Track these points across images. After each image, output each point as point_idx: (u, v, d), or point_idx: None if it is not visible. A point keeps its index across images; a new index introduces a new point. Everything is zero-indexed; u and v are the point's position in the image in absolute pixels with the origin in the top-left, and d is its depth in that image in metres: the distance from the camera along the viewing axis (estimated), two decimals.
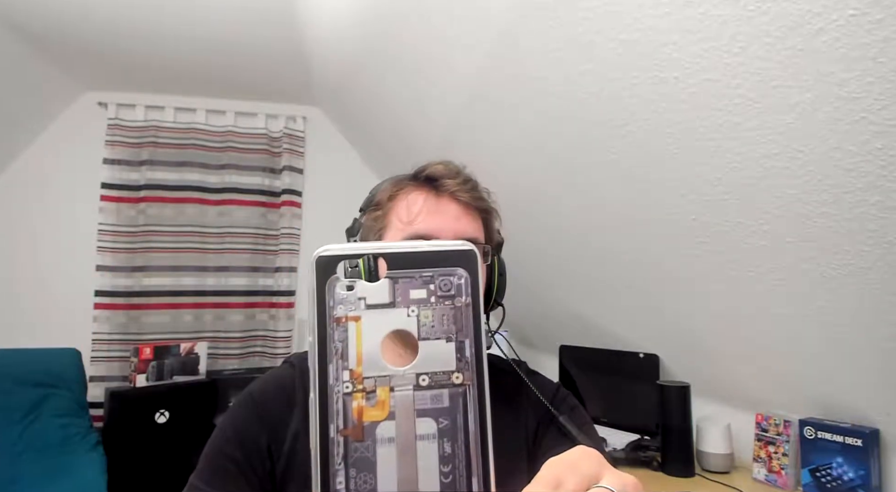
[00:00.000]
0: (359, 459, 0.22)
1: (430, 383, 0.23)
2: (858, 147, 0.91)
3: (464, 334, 0.23)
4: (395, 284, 0.23)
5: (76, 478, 2.05)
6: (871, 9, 0.77)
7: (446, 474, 0.22)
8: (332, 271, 0.23)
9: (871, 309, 1.11)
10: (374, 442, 0.22)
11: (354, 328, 0.23)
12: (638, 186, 1.42)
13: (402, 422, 0.22)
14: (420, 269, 0.23)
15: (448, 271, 0.24)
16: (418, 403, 0.22)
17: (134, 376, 2.55)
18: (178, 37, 2.27)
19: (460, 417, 0.23)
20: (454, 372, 0.23)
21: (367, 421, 0.22)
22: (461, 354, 0.23)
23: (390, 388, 0.22)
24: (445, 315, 0.23)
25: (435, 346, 0.23)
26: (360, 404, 0.22)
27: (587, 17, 1.16)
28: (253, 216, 3.01)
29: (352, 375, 0.22)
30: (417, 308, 0.23)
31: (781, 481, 1.44)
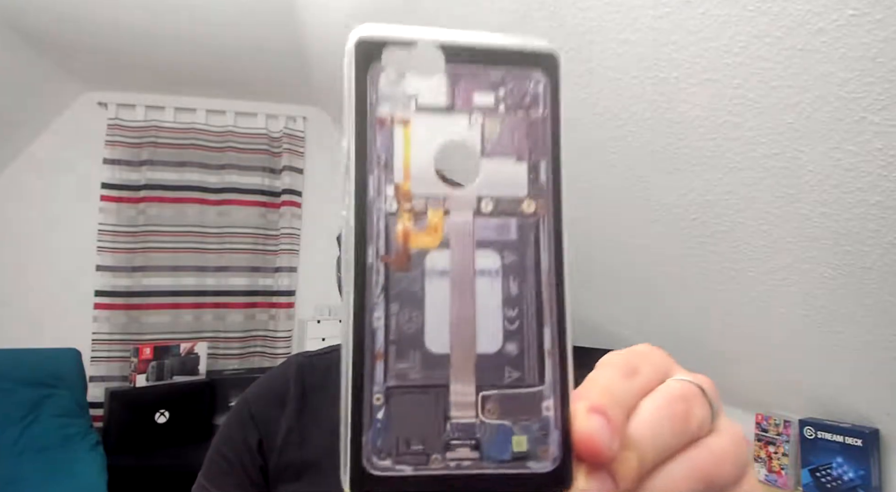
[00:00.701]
0: (403, 292, 0.17)
1: (495, 210, 0.18)
2: (858, 147, 0.91)
3: (539, 154, 0.19)
4: (456, 83, 0.18)
5: (76, 478, 2.05)
6: (871, 9, 0.77)
7: (511, 319, 0.18)
8: (377, 58, 0.18)
9: (871, 309, 1.11)
10: (423, 274, 0.18)
11: (402, 134, 0.18)
12: (638, 185, 1.42)
13: (459, 252, 0.18)
14: (489, 66, 0.19)
15: (524, 73, 0.19)
16: (479, 231, 0.18)
17: (134, 376, 2.55)
18: (178, 37, 2.27)
19: (531, 252, 0.18)
20: (525, 198, 0.18)
21: (414, 248, 0.18)
22: (535, 178, 0.19)
23: (445, 211, 0.18)
24: (517, 128, 0.19)
25: (502, 164, 0.18)
26: (407, 226, 0.18)
27: (587, 17, 1.16)
28: (253, 216, 3.01)
29: (397, 190, 0.18)
30: (482, 116, 0.19)
31: (781, 481, 1.44)
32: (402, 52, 0.18)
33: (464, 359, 0.18)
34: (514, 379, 0.18)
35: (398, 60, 0.18)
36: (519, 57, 0.19)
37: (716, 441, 0.20)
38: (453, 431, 0.17)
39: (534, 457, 0.17)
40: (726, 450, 0.20)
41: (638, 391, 0.20)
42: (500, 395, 0.18)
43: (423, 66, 0.18)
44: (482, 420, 0.17)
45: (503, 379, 0.18)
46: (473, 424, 0.17)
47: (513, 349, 0.18)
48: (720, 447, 0.20)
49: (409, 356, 0.17)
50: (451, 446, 0.17)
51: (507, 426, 0.17)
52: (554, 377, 0.18)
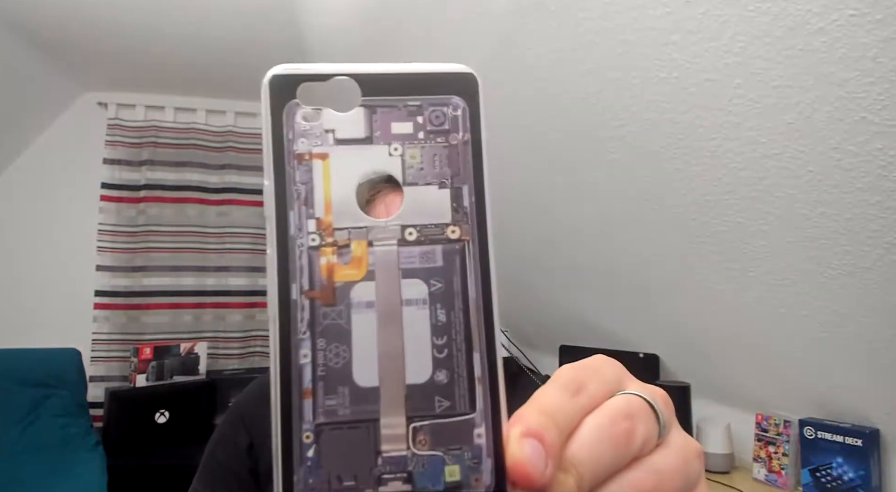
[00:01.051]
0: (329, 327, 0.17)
1: (420, 238, 0.18)
2: (858, 147, 0.91)
3: (461, 179, 0.19)
4: (373, 114, 0.18)
5: (76, 478, 2.05)
6: (871, 9, 0.77)
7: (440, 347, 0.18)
8: (291, 95, 0.18)
9: (871, 309, 1.11)
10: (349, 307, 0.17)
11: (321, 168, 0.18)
12: (638, 185, 1.42)
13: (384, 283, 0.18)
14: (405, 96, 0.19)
15: (441, 100, 0.19)
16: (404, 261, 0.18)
17: (134, 376, 2.55)
18: (178, 37, 2.27)
19: (458, 279, 0.18)
20: (449, 225, 0.18)
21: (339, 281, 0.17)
22: (458, 204, 0.18)
23: (368, 242, 0.18)
24: (438, 155, 0.19)
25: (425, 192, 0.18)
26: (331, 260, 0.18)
27: (587, 18, 1.16)
28: (253, 216, 3.01)
29: (319, 225, 0.18)
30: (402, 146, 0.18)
31: (781, 481, 1.44)
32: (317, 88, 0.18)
33: (393, 391, 0.17)
34: (444, 408, 0.18)
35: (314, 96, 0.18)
36: (435, 83, 0.19)
37: (661, 459, 0.20)
38: (385, 465, 0.17)
39: (467, 486, 0.17)
40: (672, 467, 0.20)
41: (581, 410, 0.19)
42: (431, 425, 0.17)
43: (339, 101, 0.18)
44: (414, 452, 0.17)
45: (434, 409, 0.18)
46: (405, 456, 0.17)
47: (443, 378, 0.18)
48: (665, 465, 0.20)
49: (338, 392, 0.17)
50: (384, 480, 0.17)
51: (439, 457, 0.17)
52: (485, 404, 0.18)
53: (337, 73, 0.19)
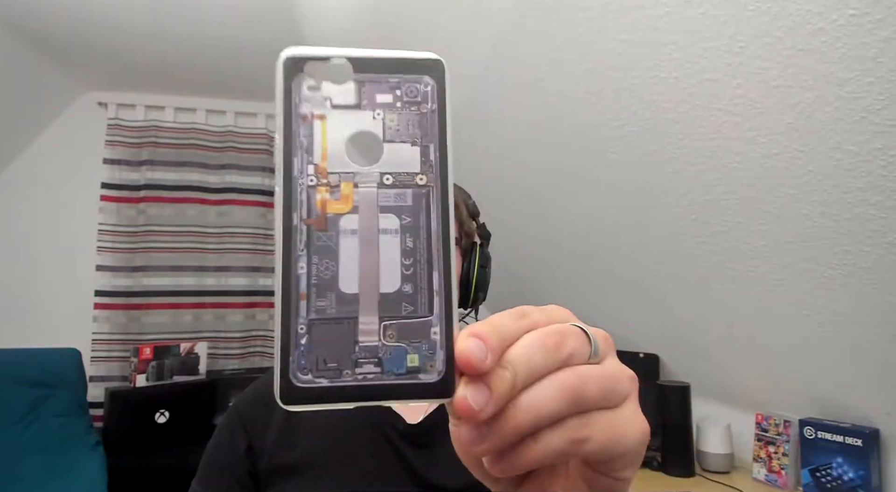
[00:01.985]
0: (321, 247, 0.22)
1: (394, 183, 0.23)
2: (859, 147, 0.91)
3: (428, 139, 0.24)
4: (362, 87, 0.23)
5: (76, 478, 2.05)
6: (871, 8, 0.77)
7: (407, 266, 0.23)
8: (299, 70, 0.23)
9: (871, 309, 1.11)
10: (337, 233, 0.22)
11: (320, 126, 0.23)
12: (638, 185, 1.42)
13: (365, 216, 0.23)
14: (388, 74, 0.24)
15: (415, 78, 0.24)
16: (381, 199, 0.23)
17: (134, 376, 2.55)
18: (178, 37, 2.27)
19: (423, 215, 0.23)
20: (418, 174, 0.23)
21: (330, 213, 0.23)
22: (425, 158, 0.23)
23: (354, 184, 0.23)
24: (411, 120, 0.24)
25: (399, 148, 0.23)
26: (324, 196, 0.23)
27: (587, 18, 1.16)
28: (253, 216, 3.01)
29: (316, 169, 0.23)
30: (383, 111, 0.24)
31: (781, 481, 1.44)
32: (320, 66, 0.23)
33: (369, 297, 0.22)
34: (409, 312, 0.23)
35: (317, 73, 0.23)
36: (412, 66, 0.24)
37: (586, 368, 0.24)
38: (361, 352, 0.22)
39: (424, 371, 0.22)
40: (594, 375, 0.24)
41: (522, 328, 0.24)
42: (397, 324, 0.22)
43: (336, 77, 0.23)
44: (383, 343, 0.22)
45: (400, 312, 0.22)
46: (377, 346, 0.22)
47: (408, 289, 0.23)
48: (589, 372, 0.24)
49: (327, 296, 0.22)
50: (359, 363, 0.22)
51: (403, 347, 0.22)
52: (440, 310, 0.23)
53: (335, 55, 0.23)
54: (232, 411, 0.72)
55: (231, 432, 0.69)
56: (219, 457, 0.68)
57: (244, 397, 0.73)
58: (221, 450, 0.69)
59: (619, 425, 0.24)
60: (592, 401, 0.23)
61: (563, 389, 0.23)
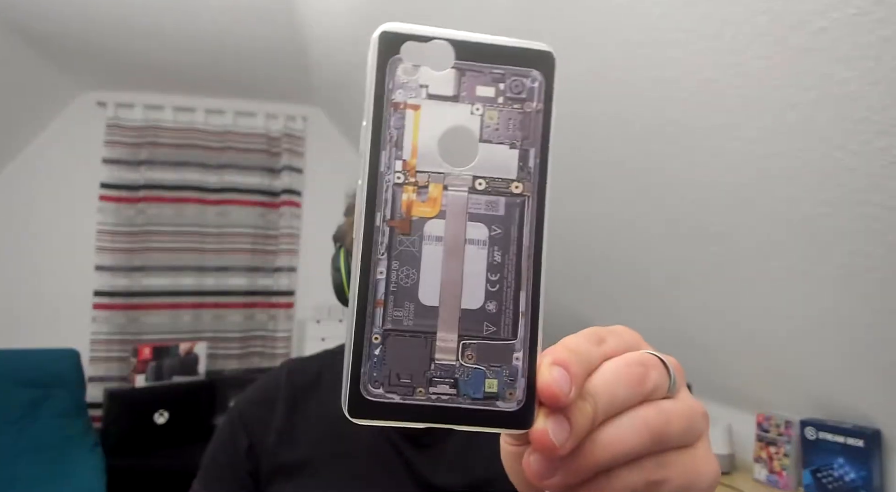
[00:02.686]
0: (403, 252, 0.21)
1: (487, 188, 0.21)
2: (860, 147, 0.91)
3: (530, 142, 0.22)
4: (462, 76, 0.21)
5: (75, 478, 2.04)
6: (873, 8, 0.76)
7: (493, 282, 0.21)
8: (395, 51, 0.21)
9: (873, 309, 1.10)
10: (421, 238, 0.21)
11: (412, 117, 0.21)
12: (638, 185, 1.42)
13: (453, 222, 0.21)
14: (492, 64, 0.21)
15: (522, 71, 0.22)
16: (472, 206, 0.21)
17: (133, 376, 2.55)
18: (178, 36, 2.26)
19: (515, 228, 0.21)
20: (514, 181, 0.21)
21: (415, 216, 0.21)
22: (524, 163, 0.21)
23: (444, 186, 0.21)
24: (512, 119, 0.22)
25: (497, 150, 0.21)
26: (411, 197, 0.21)
27: (588, 17, 1.16)
28: (252, 216, 3.01)
29: (404, 165, 0.21)
30: (483, 106, 0.21)
31: (782, 481, 1.43)
32: (418, 47, 0.21)
33: (450, 312, 0.21)
34: (490, 332, 0.21)
35: (414, 54, 0.21)
36: (520, 56, 0.22)
37: (669, 403, 0.23)
38: (436, 370, 0.20)
39: (502, 398, 0.21)
40: (678, 413, 0.22)
41: (601, 355, 0.22)
42: (477, 344, 0.21)
43: (435, 61, 0.21)
44: (461, 363, 0.21)
45: (482, 331, 0.21)
46: (454, 365, 0.21)
47: (492, 308, 0.21)
48: (672, 408, 0.22)
49: (405, 306, 0.21)
50: (434, 382, 0.20)
51: (482, 370, 0.21)
52: (525, 334, 0.21)
53: (437, 36, 0.21)
54: (232, 411, 0.72)
55: (231, 433, 0.69)
56: (219, 457, 0.68)
57: (245, 397, 0.73)
58: (222, 450, 0.69)
59: (695, 466, 0.23)
60: (673, 440, 0.22)
61: (647, 427, 0.21)
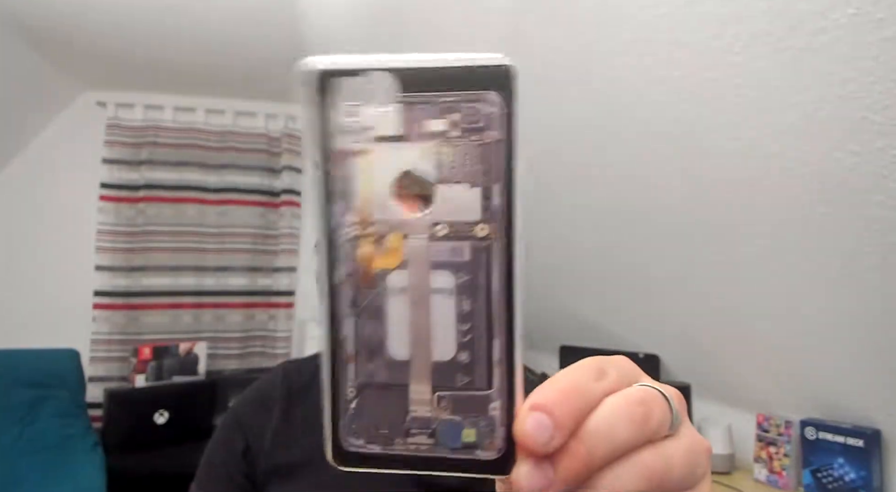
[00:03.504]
0: (368, 306, 0.20)
1: (449, 234, 0.20)
2: (860, 147, 0.91)
3: (492, 178, 0.19)
4: (410, 112, 0.19)
5: (75, 479, 2.04)
6: (872, 8, 0.77)
7: (464, 332, 0.20)
8: (333, 91, 0.19)
9: (873, 309, 1.10)
10: (385, 290, 0.20)
11: (360, 165, 0.19)
12: (638, 185, 1.42)
13: (416, 272, 0.20)
14: (441, 92, 0.19)
15: (476, 95, 0.19)
16: (433, 254, 0.20)
17: (133, 376, 2.55)
18: (178, 36, 2.26)
19: (483, 273, 0.20)
20: (478, 223, 0.20)
21: (376, 268, 0.20)
22: (488, 202, 0.19)
23: (403, 235, 0.20)
24: (469, 153, 0.19)
25: (456, 190, 0.19)
26: (369, 249, 0.20)
27: (587, 18, 1.16)
28: (252, 216, 3.01)
29: (359, 217, 0.20)
30: (435, 143, 0.19)
31: (782, 481, 1.43)
32: (356, 82, 0.19)
33: (421, 365, 0.20)
34: (465, 383, 0.20)
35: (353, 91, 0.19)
36: (472, 77, 0.19)
37: (672, 446, 0.21)
38: (412, 422, 0.20)
39: (481, 447, 0.20)
40: (681, 456, 0.21)
41: (601, 391, 0.21)
42: (452, 396, 0.20)
43: (377, 95, 0.19)
44: (436, 415, 0.20)
45: (455, 383, 0.20)
46: (429, 417, 0.20)
47: (465, 358, 0.20)
48: (675, 452, 0.21)
49: (375, 360, 0.20)
50: (412, 433, 0.20)
51: (458, 421, 0.20)
52: (501, 383, 0.20)
53: (375, 67, 0.19)
54: (230, 414, 0.72)
55: (228, 435, 0.69)
56: (215, 459, 0.68)
57: (242, 399, 0.73)
58: (218, 452, 0.69)
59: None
60: (674, 486, 0.21)
61: (649, 475, 0.20)
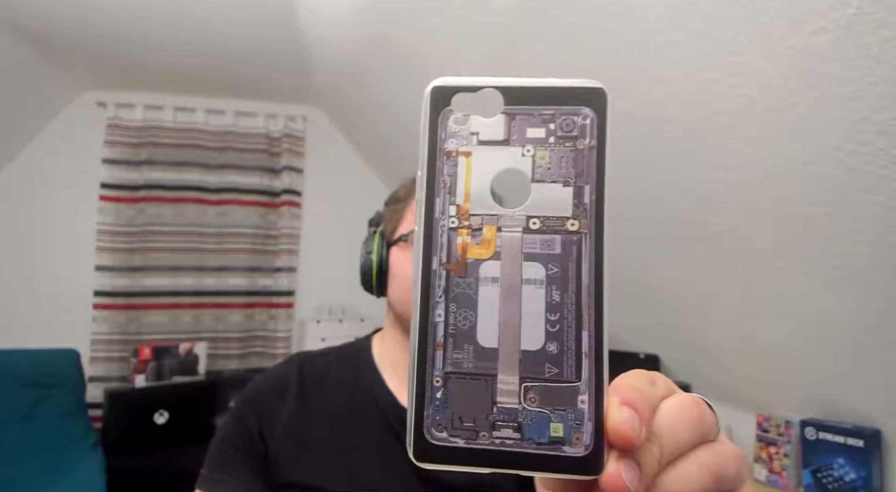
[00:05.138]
0: (460, 294, 0.21)
1: (542, 228, 0.21)
2: (860, 147, 0.91)
3: (584, 180, 0.21)
4: (512, 121, 0.22)
5: (75, 479, 2.04)
6: (872, 8, 0.76)
7: (553, 322, 0.21)
8: (446, 103, 0.22)
9: (872, 309, 1.10)
10: (477, 280, 0.21)
11: (464, 163, 0.22)
12: (638, 186, 1.42)
13: (508, 263, 0.21)
14: (541, 105, 0.22)
15: (572, 110, 0.22)
16: (526, 246, 0.21)
17: (133, 376, 2.55)
18: (178, 37, 2.26)
19: (573, 265, 0.21)
20: (570, 218, 0.21)
21: (470, 258, 0.21)
22: (579, 200, 0.21)
23: (498, 227, 0.21)
24: (565, 157, 0.22)
25: (550, 189, 0.22)
26: (465, 240, 0.21)
27: (587, 17, 1.16)
28: (252, 216, 3.01)
29: (458, 210, 0.22)
30: (534, 147, 0.22)
31: (783, 481, 1.43)
32: (468, 98, 0.22)
33: (509, 354, 0.21)
34: (553, 374, 0.21)
35: (465, 104, 0.22)
36: (569, 96, 0.22)
37: (720, 446, 0.23)
38: (499, 414, 0.20)
39: (569, 442, 0.20)
40: (730, 454, 0.23)
41: (657, 395, 0.22)
42: (540, 387, 0.21)
43: (485, 108, 0.22)
44: (524, 407, 0.20)
45: (544, 373, 0.21)
46: (516, 409, 0.20)
47: (553, 349, 0.21)
48: (725, 451, 0.23)
49: (464, 348, 0.21)
50: (497, 426, 0.20)
51: (546, 414, 0.20)
52: (589, 375, 0.21)
53: (485, 85, 0.22)
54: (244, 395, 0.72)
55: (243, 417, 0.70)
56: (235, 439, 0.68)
57: (255, 386, 0.73)
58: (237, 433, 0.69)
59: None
60: (728, 483, 0.22)
61: (709, 470, 0.21)
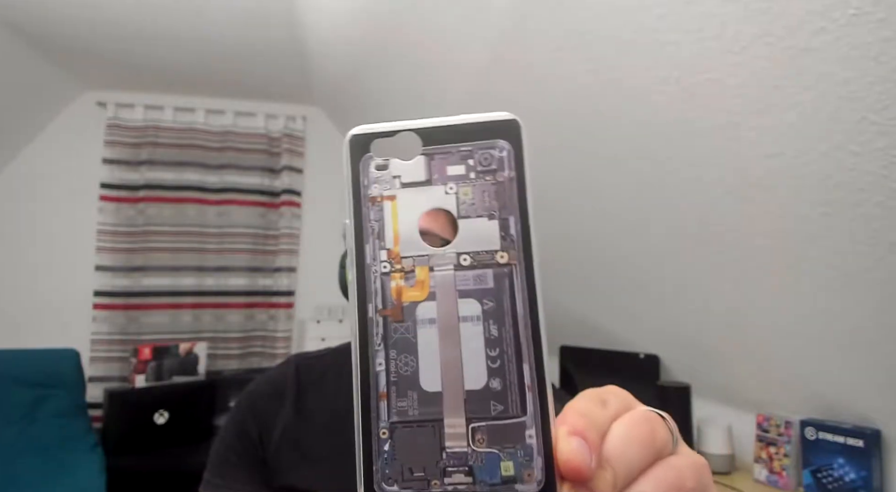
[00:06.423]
0: (399, 340, 0.21)
1: (473, 263, 0.21)
2: (860, 147, 0.91)
3: (508, 211, 0.22)
4: (431, 161, 0.22)
5: (75, 479, 2.04)
6: (872, 8, 0.76)
7: (493, 358, 0.21)
8: (366, 150, 0.22)
9: (873, 309, 1.10)
10: (415, 323, 0.21)
11: (390, 207, 0.22)
12: (638, 186, 1.42)
13: (444, 302, 0.21)
14: (458, 143, 0.22)
15: (488, 144, 0.22)
16: (460, 283, 0.21)
17: (133, 376, 2.55)
18: (178, 37, 2.26)
19: (507, 298, 0.21)
20: (498, 251, 0.21)
21: (406, 301, 0.21)
22: (505, 232, 0.22)
23: (430, 267, 0.21)
24: (486, 191, 0.22)
25: (476, 224, 0.22)
26: (399, 283, 0.21)
27: (588, 17, 1.16)
28: (252, 216, 3.01)
29: (389, 254, 0.22)
30: (456, 185, 0.22)
31: (783, 481, 1.43)
32: (386, 142, 0.22)
33: (454, 396, 0.20)
34: (499, 412, 0.20)
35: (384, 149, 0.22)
36: (484, 130, 0.22)
37: (677, 459, 0.22)
38: (449, 459, 0.20)
39: (520, 480, 0.20)
40: (687, 467, 0.22)
41: (608, 417, 0.22)
42: (487, 426, 0.20)
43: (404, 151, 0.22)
44: (473, 449, 0.20)
45: (490, 412, 0.20)
46: (466, 452, 0.20)
47: (497, 385, 0.20)
48: (682, 464, 0.22)
49: (408, 395, 0.20)
50: (448, 472, 0.20)
51: (496, 454, 0.20)
52: (534, 408, 0.20)
53: (401, 129, 0.22)
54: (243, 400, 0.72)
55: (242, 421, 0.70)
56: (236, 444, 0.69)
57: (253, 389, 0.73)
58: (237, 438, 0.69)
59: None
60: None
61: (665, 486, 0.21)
